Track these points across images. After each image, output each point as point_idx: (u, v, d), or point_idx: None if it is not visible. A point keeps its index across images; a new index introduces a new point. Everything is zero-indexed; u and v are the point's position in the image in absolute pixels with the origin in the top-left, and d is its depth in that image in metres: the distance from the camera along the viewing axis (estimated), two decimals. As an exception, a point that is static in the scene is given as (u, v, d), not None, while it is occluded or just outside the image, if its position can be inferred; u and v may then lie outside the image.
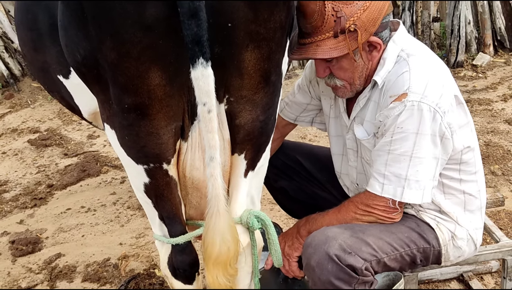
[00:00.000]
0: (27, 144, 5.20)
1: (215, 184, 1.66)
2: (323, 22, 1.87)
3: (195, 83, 1.52)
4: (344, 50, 1.88)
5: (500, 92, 5.21)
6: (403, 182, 1.93)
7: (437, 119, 1.88)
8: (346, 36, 1.86)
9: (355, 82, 2.03)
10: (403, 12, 5.90)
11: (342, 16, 1.85)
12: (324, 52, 1.89)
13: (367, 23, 1.86)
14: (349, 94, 2.09)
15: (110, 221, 3.83)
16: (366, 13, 1.86)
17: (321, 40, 1.89)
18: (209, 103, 1.55)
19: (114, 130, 1.77)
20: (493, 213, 3.34)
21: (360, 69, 2.00)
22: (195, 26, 1.43)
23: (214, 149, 1.63)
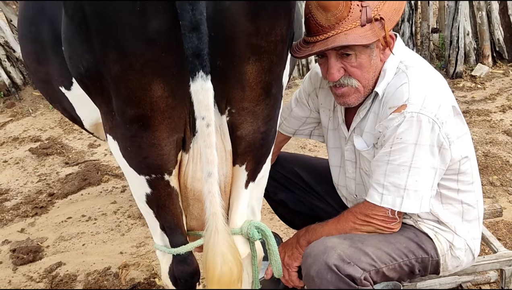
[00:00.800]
0: (28, 152, 5.22)
1: (213, 201, 1.66)
2: (349, 12, 1.89)
3: (195, 97, 1.53)
4: (372, 38, 1.90)
5: (498, 103, 5.24)
6: (402, 192, 1.95)
7: (436, 130, 1.91)
8: (373, 25, 1.89)
9: (369, 83, 2.04)
10: (402, 23, 5.94)
11: (368, 6, 1.89)
12: (355, 39, 1.90)
13: (390, 12, 1.91)
14: (361, 99, 2.08)
15: (111, 230, 3.84)
16: (387, 5, 1.91)
17: (348, 29, 1.91)
18: (207, 117, 1.56)
19: (117, 141, 1.80)
20: (492, 224, 3.36)
21: (374, 69, 2.02)
22: (196, 39, 1.45)
23: (212, 165, 1.63)
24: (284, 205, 2.65)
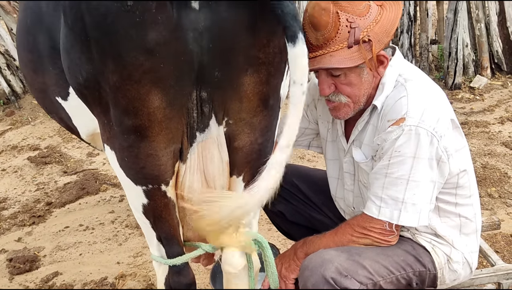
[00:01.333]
0: (27, 161, 5.22)
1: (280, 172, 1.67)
2: (337, 33, 1.89)
3: (294, 62, 1.52)
4: (358, 60, 1.90)
5: (497, 114, 5.25)
6: (400, 205, 1.95)
7: (434, 143, 1.91)
8: (360, 46, 1.89)
9: (360, 99, 2.04)
10: (401, 34, 5.96)
11: (357, 27, 1.88)
12: (339, 62, 1.90)
13: (380, 34, 1.90)
14: (351, 113, 2.09)
15: (108, 239, 3.83)
16: (379, 25, 1.90)
17: (335, 50, 1.91)
18: (304, 84, 1.54)
19: (114, 151, 1.80)
20: (490, 236, 3.35)
21: (366, 86, 2.02)
22: (290, 3, 1.47)
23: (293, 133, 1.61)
24: (281, 216, 2.65)
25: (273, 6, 1.47)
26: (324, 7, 1.89)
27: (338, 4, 1.89)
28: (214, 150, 1.81)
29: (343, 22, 1.89)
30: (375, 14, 1.94)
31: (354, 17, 1.89)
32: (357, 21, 1.89)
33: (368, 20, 1.91)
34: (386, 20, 1.93)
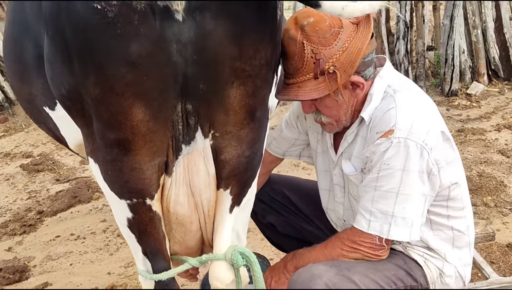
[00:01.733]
0: (19, 169, 5.17)
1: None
2: (303, 63, 1.87)
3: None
4: (324, 91, 1.88)
5: (493, 121, 5.22)
6: (390, 219, 1.91)
7: (424, 156, 1.87)
8: (326, 78, 1.86)
9: (341, 119, 2.03)
10: (397, 40, 5.93)
11: (321, 58, 1.85)
12: (305, 94, 1.89)
13: (346, 64, 1.86)
14: (337, 129, 2.09)
15: (99, 249, 3.79)
16: (345, 54, 1.85)
17: (302, 81, 1.90)
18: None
19: (98, 164, 1.76)
20: (485, 246, 3.31)
21: (345, 107, 2.00)
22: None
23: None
24: (272, 228, 2.61)
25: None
26: (292, 36, 1.87)
27: (304, 33, 1.85)
28: (200, 163, 1.77)
29: (308, 53, 1.86)
30: (344, 40, 1.86)
31: (319, 48, 1.85)
32: (322, 52, 1.85)
33: (335, 49, 1.85)
34: (353, 48, 1.86)
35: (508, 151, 4.56)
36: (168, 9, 1.39)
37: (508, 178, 4.16)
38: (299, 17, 1.88)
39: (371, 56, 1.95)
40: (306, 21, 1.86)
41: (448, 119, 5.32)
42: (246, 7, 1.50)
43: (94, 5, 1.37)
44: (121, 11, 1.38)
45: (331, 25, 1.86)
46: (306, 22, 1.85)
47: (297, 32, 1.86)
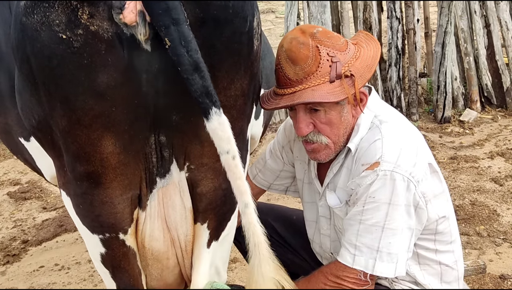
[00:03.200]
0: (6, 196, 5.09)
1: (256, 231, 1.57)
2: (318, 67, 1.82)
3: (213, 134, 1.46)
4: (341, 95, 1.82)
5: (487, 149, 5.16)
6: (375, 254, 1.84)
7: (411, 189, 1.81)
8: (343, 81, 1.81)
9: (339, 139, 1.95)
10: (389, 67, 5.92)
11: (338, 62, 1.81)
12: (322, 96, 1.81)
13: (362, 69, 1.84)
14: (332, 155, 2.00)
15: (84, 280, 3.69)
16: (359, 61, 1.85)
17: (316, 85, 1.83)
18: (232, 149, 1.48)
19: (69, 197, 1.71)
20: (478, 278, 3.22)
21: (345, 125, 1.93)
22: (199, 79, 1.39)
23: (246, 194, 1.54)
24: (257, 260, 2.53)
25: (187, 81, 1.39)
26: (303, 42, 1.84)
27: (316, 39, 1.84)
28: (176, 197, 1.72)
29: (324, 56, 1.82)
30: (353, 50, 1.89)
31: (334, 52, 1.84)
32: (338, 56, 1.83)
33: (348, 56, 1.86)
34: (366, 56, 1.88)
35: (501, 179, 4.50)
36: (135, 38, 1.35)
37: (501, 207, 4.09)
38: (304, 28, 1.88)
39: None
40: (316, 30, 1.86)
41: (441, 146, 5.27)
42: (219, 38, 1.46)
43: (59, 34, 1.32)
44: (87, 41, 1.33)
45: (339, 36, 1.89)
46: (315, 30, 1.86)
47: (307, 38, 1.84)
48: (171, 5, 1.33)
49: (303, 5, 5.58)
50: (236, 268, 3.54)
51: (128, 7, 1.31)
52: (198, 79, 1.39)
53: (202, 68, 1.39)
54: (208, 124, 1.43)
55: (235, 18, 1.48)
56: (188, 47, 1.36)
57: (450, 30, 5.58)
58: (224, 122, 1.44)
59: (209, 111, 1.41)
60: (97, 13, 1.32)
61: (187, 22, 1.36)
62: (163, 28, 1.34)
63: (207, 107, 1.41)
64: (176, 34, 1.34)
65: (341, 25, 5.88)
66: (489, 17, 5.90)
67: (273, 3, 12.12)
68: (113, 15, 1.32)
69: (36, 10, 1.33)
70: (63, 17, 1.31)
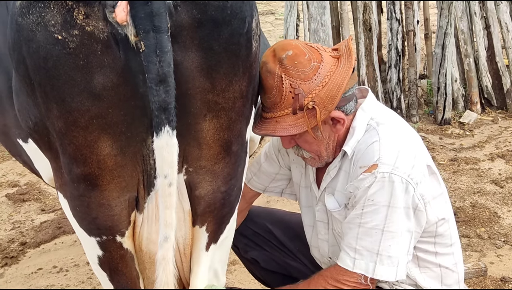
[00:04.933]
0: (4, 198, 5.07)
1: (167, 269, 1.53)
2: (282, 98, 1.81)
3: (158, 153, 1.42)
4: (303, 127, 1.81)
5: (487, 151, 5.15)
6: (375, 257, 1.82)
7: (410, 191, 1.79)
8: (304, 113, 1.79)
9: (322, 154, 1.96)
10: (389, 69, 5.90)
11: (300, 93, 1.78)
12: (283, 129, 1.82)
13: (326, 100, 1.79)
14: (319, 164, 2.02)
15: (82, 282, 3.67)
16: (325, 90, 1.79)
17: (280, 116, 1.83)
18: (170, 176, 1.45)
19: (66, 200, 1.69)
20: (479, 281, 3.20)
21: (325, 142, 1.93)
22: (163, 92, 1.36)
23: (170, 228, 1.51)
24: (255, 263, 2.51)
25: (150, 90, 1.36)
26: (270, 69, 1.81)
27: (283, 66, 1.80)
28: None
29: (287, 87, 1.80)
30: (324, 75, 1.81)
31: (297, 82, 1.79)
32: (301, 86, 1.79)
33: (314, 84, 1.80)
34: (333, 84, 1.80)
35: (501, 181, 4.48)
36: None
37: (501, 209, 4.07)
38: (277, 50, 1.82)
39: (352, 91, 1.90)
40: (285, 54, 1.80)
41: (441, 148, 5.25)
42: (217, 39, 1.44)
43: (55, 35, 1.31)
44: (83, 41, 1.32)
45: (310, 59, 1.80)
46: (284, 55, 1.80)
47: (275, 65, 1.80)
48: (155, 11, 1.30)
49: (302, 7, 5.56)
50: (235, 271, 3.52)
51: (119, 5, 1.30)
52: (162, 92, 1.35)
53: (169, 83, 1.35)
54: (156, 141, 1.40)
55: (233, 19, 1.46)
56: (162, 58, 1.33)
57: (450, 32, 5.56)
58: (173, 145, 1.41)
59: (161, 128, 1.38)
60: (92, 13, 1.30)
61: (168, 33, 1.33)
62: (142, 31, 1.31)
63: (160, 123, 1.38)
64: (153, 41, 1.31)
65: (340, 27, 5.86)
66: (489, 19, 5.88)
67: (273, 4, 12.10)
68: (107, 14, 1.31)
69: (32, 10, 1.32)
70: (59, 17, 1.30)
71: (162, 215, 1.51)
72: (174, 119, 1.39)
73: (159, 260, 1.56)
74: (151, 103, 1.37)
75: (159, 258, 1.55)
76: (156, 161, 1.45)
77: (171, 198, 1.48)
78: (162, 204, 1.50)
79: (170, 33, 1.34)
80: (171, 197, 1.48)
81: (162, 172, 1.45)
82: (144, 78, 1.39)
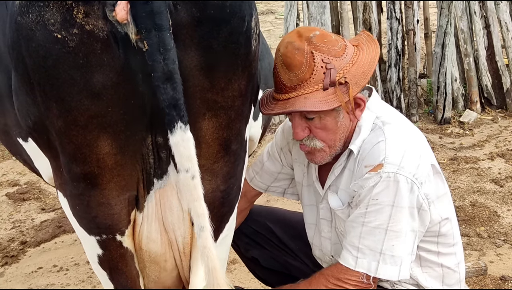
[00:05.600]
0: (5, 197, 5.07)
1: (210, 255, 1.51)
2: (312, 73, 1.79)
3: (175, 149, 1.42)
4: (334, 104, 1.79)
5: (487, 150, 5.15)
6: (378, 256, 1.82)
7: (414, 191, 1.79)
8: (336, 89, 1.78)
9: (335, 144, 1.93)
10: (389, 68, 5.90)
11: (333, 68, 1.78)
12: (314, 105, 1.79)
13: (357, 76, 1.80)
14: (327, 158, 1.98)
15: (82, 281, 3.68)
16: (355, 67, 1.81)
17: (309, 92, 1.80)
18: (192, 169, 1.44)
19: (66, 199, 1.69)
20: (478, 280, 3.20)
21: (342, 130, 1.91)
22: (170, 89, 1.36)
23: (203, 217, 1.49)
24: (256, 262, 2.51)
25: (157, 89, 1.36)
26: (298, 47, 1.80)
27: (312, 44, 1.80)
28: (174, 198, 1.70)
29: (318, 62, 1.79)
30: (351, 55, 1.84)
31: (329, 58, 1.80)
32: (333, 62, 1.80)
33: (344, 61, 1.82)
34: (363, 61, 1.84)
35: (501, 180, 4.48)
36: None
37: (501, 208, 4.08)
38: (302, 31, 1.84)
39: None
40: (312, 34, 1.82)
41: (441, 147, 5.25)
42: (216, 38, 1.44)
43: (54, 34, 1.31)
44: (83, 40, 1.32)
45: (337, 40, 1.84)
46: (312, 34, 1.81)
47: (303, 43, 1.80)
48: (156, 9, 1.31)
49: (302, 6, 5.56)
50: (235, 269, 3.52)
51: (120, 4, 1.30)
52: (170, 89, 1.36)
53: (175, 79, 1.36)
54: (171, 138, 1.40)
55: (232, 18, 1.46)
56: (166, 55, 1.33)
57: (450, 31, 5.56)
58: (188, 139, 1.41)
59: (174, 125, 1.39)
60: (92, 12, 1.31)
61: (170, 30, 1.33)
62: (144, 30, 1.31)
63: (172, 120, 1.38)
64: (155, 39, 1.32)
65: (340, 26, 5.86)
66: (489, 18, 5.88)
67: (273, 4, 12.10)
68: (107, 12, 1.31)
69: (31, 9, 1.32)
70: (58, 16, 1.30)
71: (193, 207, 1.49)
72: (185, 114, 1.40)
73: (200, 250, 1.52)
74: (160, 102, 1.37)
75: (201, 247, 1.52)
76: (175, 157, 1.44)
77: (197, 190, 1.47)
78: (190, 197, 1.48)
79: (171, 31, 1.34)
80: (197, 189, 1.47)
81: (183, 167, 1.44)
82: (144, 77, 1.40)
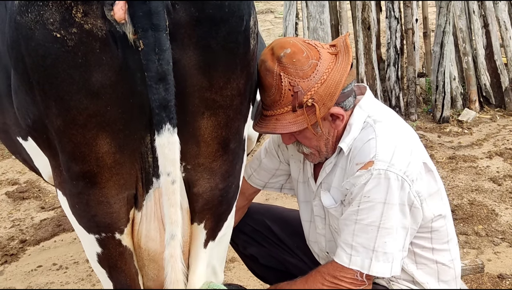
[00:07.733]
0: (4, 196, 5.08)
1: (175, 266, 1.53)
2: (281, 96, 1.83)
3: (160, 151, 1.43)
4: (303, 124, 1.83)
5: (485, 149, 5.16)
6: (371, 254, 1.83)
7: (405, 188, 1.81)
8: (304, 110, 1.81)
9: (322, 149, 1.98)
10: (388, 67, 5.91)
11: (299, 91, 1.80)
12: (283, 127, 1.84)
13: (325, 97, 1.81)
14: (319, 159, 2.03)
15: (81, 280, 3.69)
16: (324, 87, 1.81)
17: (280, 114, 1.85)
18: (173, 173, 1.46)
19: (66, 197, 1.70)
20: (476, 277, 3.22)
21: (325, 138, 1.94)
22: (163, 90, 1.37)
23: (175, 225, 1.51)
24: (254, 260, 2.53)
25: (149, 89, 1.37)
26: (269, 68, 1.83)
27: (281, 65, 1.81)
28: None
29: (286, 85, 1.82)
30: (322, 71, 1.83)
31: (296, 80, 1.81)
32: (300, 84, 1.81)
33: (313, 81, 1.82)
34: (332, 80, 1.82)
35: (499, 179, 4.50)
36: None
37: (499, 206, 4.09)
38: (276, 48, 1.84)
39: (351, 87, 1.91)
40: (283, 52, 1.81)
41: (440, 146, 5.27)
42: (215, 37, 1.45)
43: (53, 33, 1.32)
44: (82, 39, 1.33)
45: (308, 57, 1.82)
46: (283, 53, 1.81)
47: (274, 64, 1.81)
48: (153, 9, 1.32)
49: (301, 5, 5.57)
50: (234, 268, 3.54)
51: (118, 4, 1.31)
52: (162, 90, 1.37)
53: (168, 80, 1.37)
54: (157, 139, 1.41)
55: (231, 17, 1.47)
56: (161, 56, 1.34)
57: (448, 30, 5.57)
58: (174, 143, 1.42)
59: (162, 126, 1.40)
60: (91, 11, 1.32)
61: (166, 31, 1.34)
62: (140, 30, 1.32)
63: (161, 120, 1.39)
64: (152, 39, 1.33)
65: (339, 25, 5.87)
66: (487, 17, 5.89)
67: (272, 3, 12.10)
68: (105, 12, 1.32)
69: (30, 8, 1.33)
70: (57, 15, 1.31)
71: (167, 213, 1.51)
72: (174, 116, 1.41)
73: (167, 259, 1.55)
74: (151, 101, 1.38)
75: (167, 256, 1.55)
76: (159, 159, 1.45)
77: (175, 195, 1.49)
78: (166, 202, 1.50)
79: (168, 31, 1.35)
80: (175, 195, 1.49)
81: (165, 170, 1.46)
82: (142, 76, 1.40)
